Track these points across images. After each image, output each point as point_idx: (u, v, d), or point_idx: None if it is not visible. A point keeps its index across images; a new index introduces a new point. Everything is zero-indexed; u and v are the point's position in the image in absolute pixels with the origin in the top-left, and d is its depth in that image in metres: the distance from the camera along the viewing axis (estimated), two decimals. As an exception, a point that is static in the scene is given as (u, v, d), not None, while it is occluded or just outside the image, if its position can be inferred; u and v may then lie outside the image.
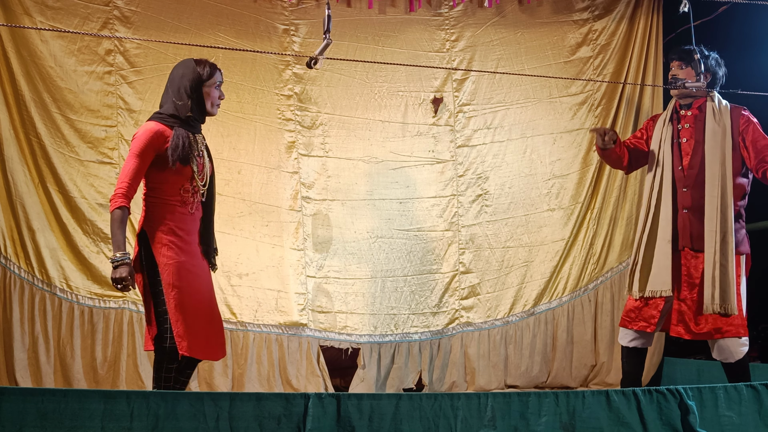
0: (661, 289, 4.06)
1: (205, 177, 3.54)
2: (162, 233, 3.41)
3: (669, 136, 4.20)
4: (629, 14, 5.61)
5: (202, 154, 3.54)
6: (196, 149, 3.48)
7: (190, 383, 4.92)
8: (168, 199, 3.45)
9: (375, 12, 5.42)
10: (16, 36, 4.81)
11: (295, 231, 5.25)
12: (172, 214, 3.44)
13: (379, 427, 3.03)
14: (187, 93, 3.48)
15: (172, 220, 3.43)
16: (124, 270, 3.31)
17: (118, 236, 3.31)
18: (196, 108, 3.50)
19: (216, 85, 3.55)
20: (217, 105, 3.58)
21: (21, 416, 2.84)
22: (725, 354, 3.99)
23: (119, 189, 3.35)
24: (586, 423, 3.17)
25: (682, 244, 4.10)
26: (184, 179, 3.45)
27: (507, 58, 5.57)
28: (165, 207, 3.44)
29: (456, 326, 5.40)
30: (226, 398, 2.98)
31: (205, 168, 3.54)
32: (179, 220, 3.45)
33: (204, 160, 3.55)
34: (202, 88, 3.51)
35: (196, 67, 3.52)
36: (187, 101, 3.47)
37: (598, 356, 5.45)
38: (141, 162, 3.37)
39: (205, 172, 3.54)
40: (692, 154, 4.14)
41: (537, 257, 5.52)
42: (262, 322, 5.14)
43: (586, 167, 5.57)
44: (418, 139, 5.46)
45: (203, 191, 3.54)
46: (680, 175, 4.14)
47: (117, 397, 2.93)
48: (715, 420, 3.29)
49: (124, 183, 3.34)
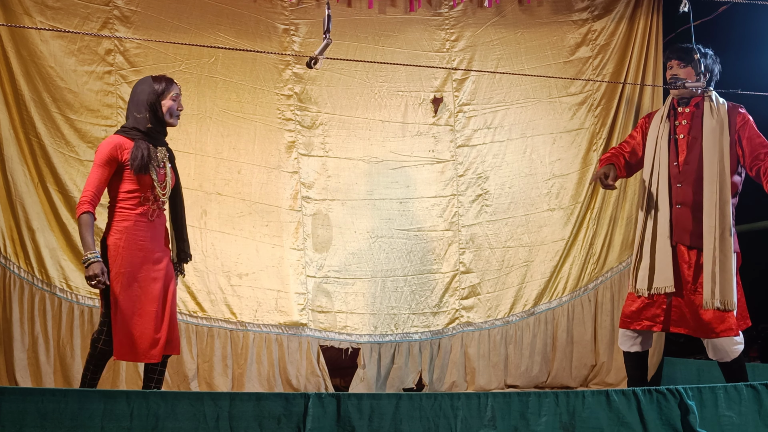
0: (664, 285, 4.06)
1: (167, 186, 3.78)
2: (119, 241, 3.66)
3: (666, 132, 4.20)
4: (629, 14, 5.61)
5: (163, 165, 3.78)
6: (156, 160, 3.73)
7: (190, 383, 4.95)
8: (129, 207, 3.69)
9: (375, 12, 5.42)
10: (16, 36, 4.81)
11: (295, 231, 5.25)
12: (132, 222, 3.68)
13: (379, 427, 3.03)
14: (145, 106, 3.72)
15: (132, 228, 3.68)
16: (96, 267, 3.56)
17: (87, 238, 3.58)
18: (155, 120, 3.74)
19: (173, 97, 3.78)
20: (176, 116, 3.81)
21: (21, 416, 2.85)
22: (720, 354, 4.00)
23: (84, 197, 3.61)
24: (586, 423, 3.17)
25: (676, 240, 4.11)
26: (145, 188, 3.69)
27: (507, 58, 5.57)
28: (125, 215, 3.69)
29: (456, 326, 5.40)
30: (226, 398, 2.98)
31: (166, 178, 3.78)
32: (139, 228, 3.70)
33: (165, 170, 3.78)
34: (159, 101, 3.75)
35: (153, 83, 3.76)
36: (145, 114, 3.72)
37: (598, 356, 5.45)
38: (102, 172, 3.64)
39: (166, 182, 3.78)
40: (689, 151, 4.15)
41: (537, 257, 5.52)
42: (262, 322, 5.14)
43: (586, 167, 5.57)
44: (418, 139, 5.46)
45: (164, 200, 3.77)
46: (675, 171, 4.14)
47: (117, 397, 2.93)
48: (715, 420, 3.29)
49: (88, 192, 3.62)
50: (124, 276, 3.63)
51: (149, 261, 3.71)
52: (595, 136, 5.58)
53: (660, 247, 4.08)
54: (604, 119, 5.58)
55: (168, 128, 3.84)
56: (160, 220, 3.79)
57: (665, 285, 4.05)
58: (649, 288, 4.07)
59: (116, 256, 3.63)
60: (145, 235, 3.70)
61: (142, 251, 3.69)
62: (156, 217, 3.75)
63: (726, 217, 4.02)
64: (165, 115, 3.76)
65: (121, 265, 3.63)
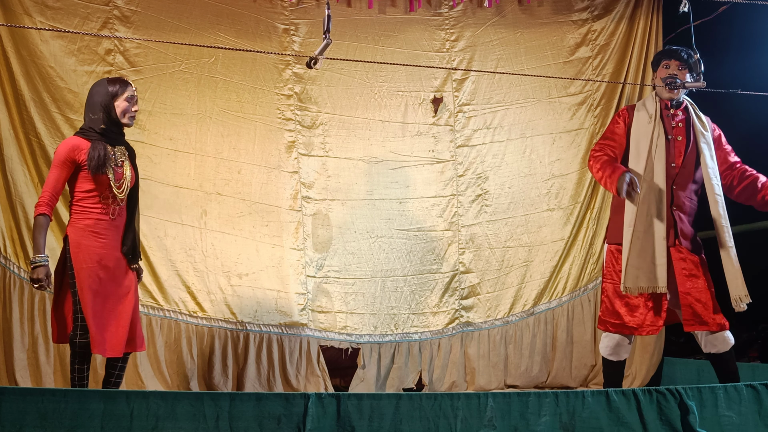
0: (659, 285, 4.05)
1: (124, 185, 3.85)
2: (81, 238, 3.73)
3: (661, 132, 4.18)
4: (629, 14, 5.61)
5: (121, 164, 3.85)
6: (114, 159, 3.81)
7: (190, 383, 4.95)
8: (89, 206, 3.77)
9: (375, 12, 5.43)
10: (16, 36, 4.81)
11: (295, 231, 5.25)
12: (92, 220, 3.76)
13: (379, 427, 3.03)
14: (99, 108, 3.81)
15: (92, 226, 3.76)
16: (41, 271, 3.66)
17: (39, 240, 3.68)
18: (109, 120, 3.82)
19: (127, 98, 3.86)
20: (131, 116, 3.88)
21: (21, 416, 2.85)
22: (719, 345, 4.02)
23: (41, 198, 3.71)
24: (586, 423, 3.17)
25: (673, 240, 4.11)
26: (103, 187, 3.77)
27: (507, 58, 5.57)
28: (86, 214, 3.76)
29: (456, 326, 5.40)
30: (226, 398, 2.98)
31: (124, 176, 3.85)
32: (99, 226, 3.77)
33: (123, 170, 3.85)
34: (113, 102, 3.82)
35: (108, 85, 3.85)
36: (100, 115, 3.81)
37: (597, 356, 5.44)
38: (59, 173, 3.73)
39: (123, 181, 3.85)
40: (686, 153, 4.15)
41: (537, 257, 5.52)
42: (262, 322, 5.14)
43: (586, 167, 5.56)
44: (418, 139, 5.46)
45: (121, 198, 3.84)
46: (672, 173, 4.14)
47: (117, 397, 2.94)
48: (714, 420, 3.29)
49: (45, 193, 3.71)
50: (87, 272, 3.69)
51: (111, 258, 3.78)
52: (595, 136, 5.58)
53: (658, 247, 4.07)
54: (603, 119, 5.58)
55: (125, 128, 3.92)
56: (122, 218, 3.87)
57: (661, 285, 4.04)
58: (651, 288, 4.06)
59: (78, 252, 3.70)
60: (107, 233, 3.78)
61: (104, 248, 3.76)
62: (118, 216, 3.83)
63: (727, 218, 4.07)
64: (119, 116, 3.84)
65: (84, 261, 3.70)
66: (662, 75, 4.23)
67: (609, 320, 4.12)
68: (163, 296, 5.00)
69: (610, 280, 4.18)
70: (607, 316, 4.14)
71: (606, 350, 4.17)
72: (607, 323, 4.13)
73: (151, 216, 5.02)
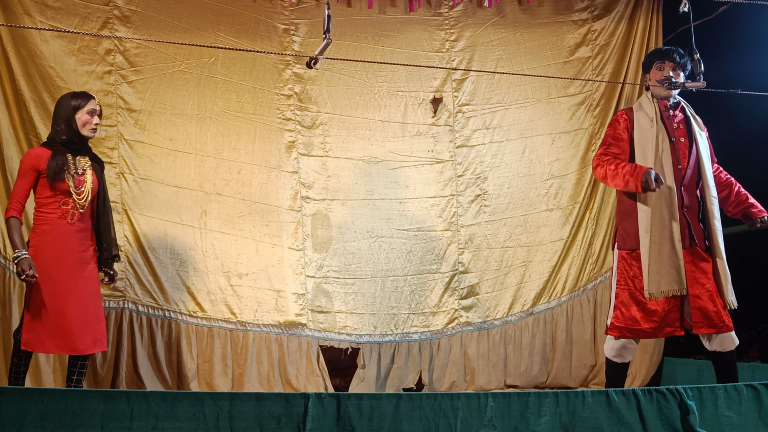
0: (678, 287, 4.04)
1: (85, 193, 4.02)
2: (39, 242, 3.94)
3: (665, 135, 4.17)
4: (628, 14, 5.62)
5: (83, 172, 4.04)
6: (74, 168, 4.01)
7: (190, 383, 4.95)
8: (48, 212, 3.97)
9: (375, 12, 5.43)
10: (16, 36, 4.80)
11: (295, 231, 5.25)
12: (51, 225, 3.95)
13: (379, 426, 3.03)
14: (62, 120, 4.03)
15: (51, 231, 3.95)
16: (24, 263, 3.82)
17: (15, 239, 3.89)
18: (70, 132, 4.03)
19: (88, 111, 4.05)
20: (92, 129, 4.08)
21: (21, 416, 2.85)
22: (725, 344, 4.01)
23: (10, 204, 3.96)
24: (586, 423, 3.17)
25: (688, 242, 4.09)
26: (63, 194, 3.96)
27: (506, 58, 5.57)
28: (46, 219, 3.96)
29: (455, 326, 5.40)
30: (226, 398, 2.98)
31: (85, 184, 4.03)
32: (58, 231, 3.96)
33: (85, 178, 4.04)
34: (74, 115, 4.03)
35: (71, 99, 4.07)
36: (62, 127, 4.03)
37: (597, 356, 5.45)
38: (24, 181, 3.98)
39: (84, 188, 4.02)
40: (689, 155, 4.15)
41: (536, 257, 5.52)
42: (262, 322, 5.14)
43: (585, 167, 5.57)
44: (418, 139, 5.46)
45: (81, 204, 4.00)
46: (679, 175, 4.13)
47: (117, 397, 2.94)
48: (715, 420, 3.29)
49: (13, 199, 3.97)
50: (45, 274, 3.86)
51: (71, 260, 3.95)
52: (594, 136, 5.58)
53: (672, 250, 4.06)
54: (603, 119, 5.58)
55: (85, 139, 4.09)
56: (84, 224, 4.04)
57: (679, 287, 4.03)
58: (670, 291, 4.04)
59: (36, 256, 3.88)
60: (66, 238, 3.96)
61: (63, 253, 3.93)
62: (78, 221, 4.00)
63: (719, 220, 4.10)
64: (80, 128, 4.04)
65: (42, 263, 3.87)
66: (657, 77, 4.21)
67: (625, 326, 4.09)
68: (163, 296, 5.00)
69: (624, 286, 4.13)
70: (622, 322, 4.10)
71: (611, 352, 4.15)
72: (624, 330, 4.09)
73: (151, 216, 5.02)
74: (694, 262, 4.05)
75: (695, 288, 4.02)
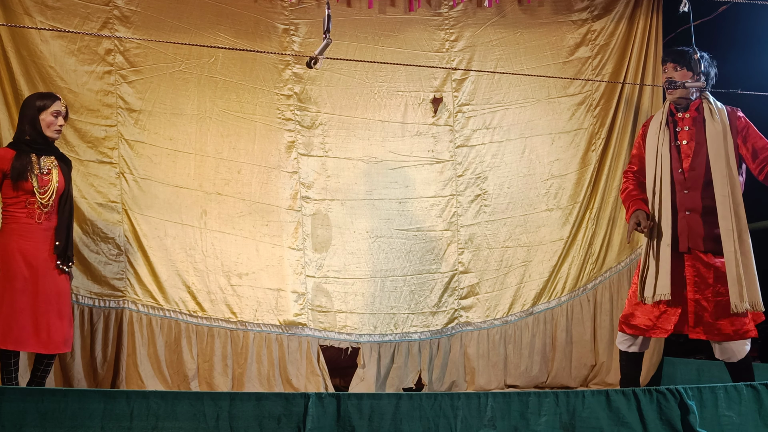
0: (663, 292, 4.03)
1: (49, 192, 4.08)
2: (8, 241, 4.00)
3: (666, 139, 4.15)
4: (628, 14, 5.62)
5: (48, 172, 4.10)
6: (38, 168, 4.07)
7: (190, 383, 4.95)
8: (15, 211, 4.04)
9: (375, 12, 5.43)
10: (16, 36, 4.81)
11: (295, 231, 5.25)
12: (18, 224, 4.02)
13: (379, 426, 3.03)
14: (26, 120, 4.11)
15: (18, 230, 4.02)
16: None
17: None
18: (34, 132, 4.09)
19: (53, 113, 4.12)
20: (56, 130, 4.14)
21: (21, 416, 2.85)
22: (728, 354, 3.97)
23: None
24: (586, 423, 3.17)
25: (688, 246, 4.06)
26: (27, 194, 4.03)
27: (506, 58, 5.57)
28: (13, 218, 4.03)
29: (455, 326, 5.40)
30: (226, 398, 2.98)
31: (50, 184, 4.09)
32: (24, 229, 4.02)
33: (50, 177, 4.09)
34: (38, 116, 4.10)
35: (36, 100, 4.15)
36: (26, 127, 4.10)
37: (597, 356, 5.45)
38: None
39: (49, 188, 4.08)
40: (693, 156, 4.09)
41: (536, 257, 5.52)
42: (262, 322, 5.14)
43: (585, 167, 5.57)
44: (418, 139, 5.46)
45: (45, 204, 4.06)
46: (680, 178, 4.09)
47: (117, 397, 2.93)
48: (715, 420, 3.29)
49: None
50: (11, 272, 3.93)
51: (40, 259, 4.01)
52: (594, 136, 5.58)
53: (663, 254, 4.05)
54: (603, 119, 5.58)
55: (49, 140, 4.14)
56: (51, 223, 4.09)
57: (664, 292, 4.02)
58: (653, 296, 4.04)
59: (4, 254, 3.96)
60: (33, 236, 4.02)
61: (30, 252, 3.99)
62: (45, 220, 4.06)
63: (742, 219, 3.98)
64: (43, 129, 4.10)
65: (8, 262, 3.94)
66: (662, 79, 4.23)
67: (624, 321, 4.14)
68: (163, 296, 5.00)
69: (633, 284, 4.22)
70: (623, 318, 4.16)
71: (623, 344, 4.16)
72: (623, 324, 4.14)
73: (151, 216, 5.02)
74: (694, 266, 4.02)
75: (693, 293, 3.99)
